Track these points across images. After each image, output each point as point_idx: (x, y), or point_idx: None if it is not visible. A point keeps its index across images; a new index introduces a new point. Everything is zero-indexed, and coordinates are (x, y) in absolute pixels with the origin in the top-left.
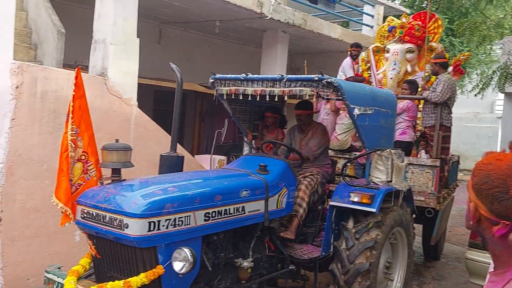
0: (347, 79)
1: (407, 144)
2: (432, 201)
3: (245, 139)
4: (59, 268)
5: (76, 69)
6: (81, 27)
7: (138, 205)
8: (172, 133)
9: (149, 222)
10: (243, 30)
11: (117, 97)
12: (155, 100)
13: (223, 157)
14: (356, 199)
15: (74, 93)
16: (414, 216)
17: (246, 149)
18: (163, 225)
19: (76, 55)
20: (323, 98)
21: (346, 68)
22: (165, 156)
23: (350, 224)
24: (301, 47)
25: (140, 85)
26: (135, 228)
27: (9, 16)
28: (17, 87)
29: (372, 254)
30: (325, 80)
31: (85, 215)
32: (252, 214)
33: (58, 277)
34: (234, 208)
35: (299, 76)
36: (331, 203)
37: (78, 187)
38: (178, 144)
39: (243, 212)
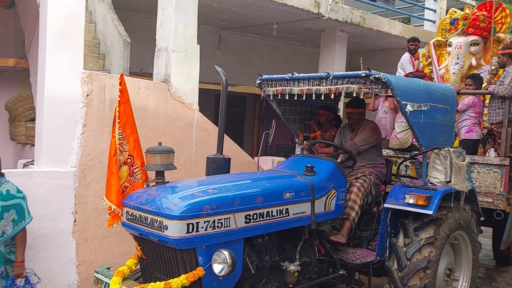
0: (406, 75)
1: (474, 142)
2: (501, 203)
3: (296, 139)
4: (108, 268)
5: (120, 75)
6: (145, 36)
7: (177, 207)
8: (218, 135)
9: (188, 224)
10: (300, 31)
11: (179, 102)
12: (216, 104)
13: (282, 159)
14: (411, 201)
15: (119, 98)
16: (481, 219)
17: (298, 150)
18: (202, 227)
19: (141, 63)
20: (379, 95)
21: (404, 63)
22: (211, 158)
23: (408, 223)
24: (360, 45)
25: (201, 90)
26: (174, 230)
27: (79, 29)
28: (87, 95)
29: (431, 251)
30: (373, 76)
31: (129, 217)
32: (297, 217)
33: (105, 277)
34: (277, 210)
35: (345, 73)
36: (386, 205)
37: (125, 189)
38: (237, 146)
39: (287, 214)
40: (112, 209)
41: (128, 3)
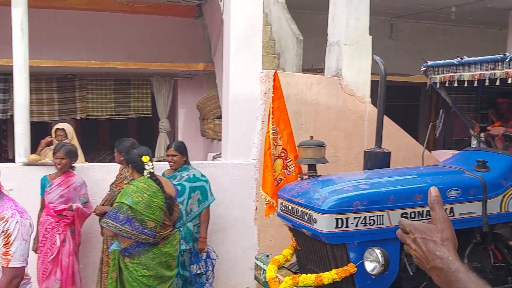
0: None
1: None
2: None
3: (472, 131)
4: (267, 256)
5: (274, 73)
6: (316, 32)
7: (326, 201)
8: (377, 127)
9: (337, 219)
10: (483, 12)
11: (351, 96)
12: (388, 95)
13: None
14: None
15: (273, 95)
16: None
17: (473, 143)
18: (352, 223)
19: (312, 59)
20: None
21: None
22: (369, 152)
23: None
24: None
25: (372, 82)
26: (323, 224)
27: (258, 31)
28: (265, 93)
29: None
30: None
31: (283, 208)
32: (464, 217)
33: (263, 264)
34: None
35: None
36: None
37: (279, 181)
38: (413, 139)
39: (451, 214)
40: (267, 200)
41: (300, 1)
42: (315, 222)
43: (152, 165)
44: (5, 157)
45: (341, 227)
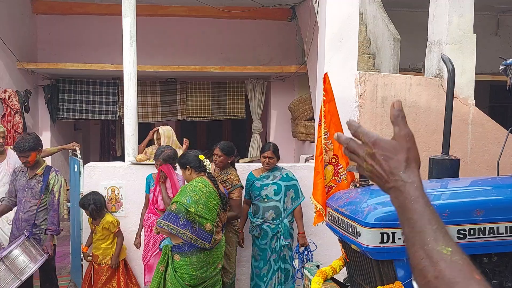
0: None
1: None
2: None
3: None
4: (317, 266)
5: (324, 75)
6: (414, 30)
7: (371, 213)
8: (444, 132)
9: (382, 233)
10: None
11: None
12: (491, 96)
13: None
14: None
15: (324, 98)
16: None
17: None
18: (399, 238)
19: (409, 59)
20: None
21: None
22: (435, 159)
23: None
24: None
25: (475, 82)
26: (367, 238)
27: (353, 32)
28: (360, 95)
29: None
30: None
31: (330, 218)
32: None
33: (311, 275)
34: (506, 227)
35: None
36: None
37: (329, 189)
38: None
39: None
40: (317, 208)
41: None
42: (359, 236)
43: (208, 162)
44: (113, 155)
45: (386, 242)
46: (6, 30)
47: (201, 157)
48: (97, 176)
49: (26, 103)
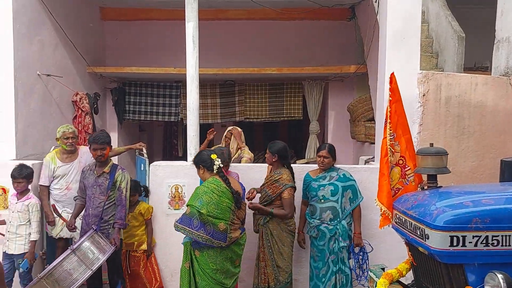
0: None
1: None
2: None
3: None
4: (382, 269)
5: (390, 74)
6: (479, 28)
7: (440, 216)
8: None
9: (451, 236)
10: None
11: None
12: None
13: None
14: None
15: (390, 98)
16: None
17: None
18: (470, 242)
19: (474, 57)
20: None
21: None
22: (507, 162)
23: None
24: None
25: None
26: (436, 241)
27: (415, 30)
28: (423, 95)
29: None
30: None
31: (397, 220)
32: None
33: (376, 277)
34: None
35: None
36: None
37: (396, 191)
38: None
39: None
40: (383, 211)
41: None
42: (427, 238)
43: (219, 162)
44: (175, 155)
45: (456, 245)
46: (78, 36)
47: (213, 156)
48: (161, 175)
49: (95, 105)
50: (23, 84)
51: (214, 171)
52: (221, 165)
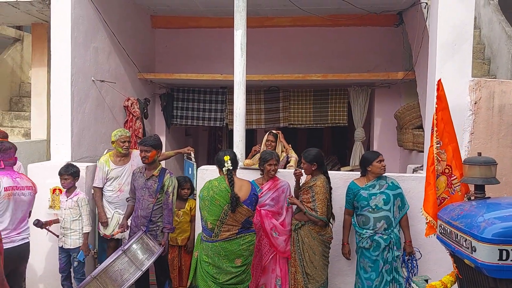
0: None
1: None
2: None
3: None
4: (426, 280)
5: (437, 81)
6: None
7: (489, 228)
8: None
9: (501, 250)
10: None
11: None
12: None
13: None
14: None
15: (436, 105)
16: None
17: None
18: None
19: None
20: None
21: None
22: None
23: None
24: None
25: None
26: (483, 254)
27: (467, 37)
28: (475, 103)
29: None
30: None
31: (442, 231)
32: None
33: None
34: None
35: None
36: None
37: (442, 200)
38: None
39: None
40: (428, 220)
41: None
42: (474, 251)
43: (229, 165)
44: None
45: (506, 259)
46: (130, 43)
47: (226, 158)
48: (209, 179)
49: (145, 110)
50: (79, 89)
51: (224, 172)
52: (231, 168)
